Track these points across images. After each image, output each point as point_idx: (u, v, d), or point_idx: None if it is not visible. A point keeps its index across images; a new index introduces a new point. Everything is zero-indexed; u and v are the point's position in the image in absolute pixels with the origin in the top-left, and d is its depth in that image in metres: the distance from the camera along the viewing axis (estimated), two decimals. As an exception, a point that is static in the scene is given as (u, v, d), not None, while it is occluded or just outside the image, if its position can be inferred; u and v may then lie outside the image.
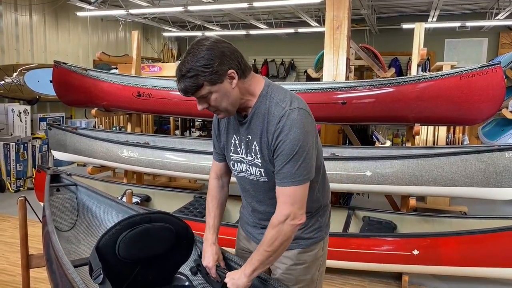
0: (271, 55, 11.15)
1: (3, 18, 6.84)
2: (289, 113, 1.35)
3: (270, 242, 1.38)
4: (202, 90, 1.34)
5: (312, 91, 3.41)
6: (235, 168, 1.55)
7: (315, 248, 1.55)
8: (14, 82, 6.55)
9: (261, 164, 1.44)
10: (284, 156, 1.35)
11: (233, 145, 1.53)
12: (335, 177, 3.25)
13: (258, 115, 1.42)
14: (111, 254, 1.57)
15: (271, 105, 1.40)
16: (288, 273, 1.54)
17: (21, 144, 6.05)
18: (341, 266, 3.24)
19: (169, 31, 10.46)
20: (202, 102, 1.40)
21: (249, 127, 1.45)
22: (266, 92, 1.43)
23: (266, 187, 1.48)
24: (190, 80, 1.32)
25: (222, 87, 1.35)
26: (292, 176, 1.36)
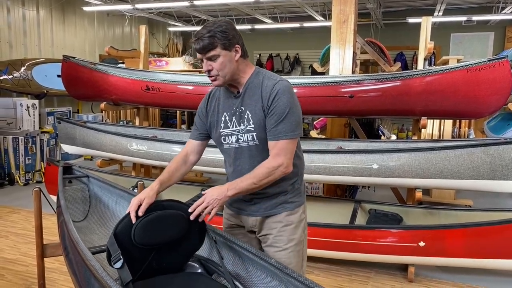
0: (276, 50, 11.15)
1: (11, 13, 6.89)
2: (280, 82, 1.68)
3: (260, 178, 1.65)
4: (214, 51, 1.62)
5: (319, 85, 3.44)
6: (227, 141, 1.78)
7: (298, 211, 1.82)
8: (22, 77, 6.61)
9: (254, 129, 1.71)
10: (278, 115, 1.64)
11: (223, 122, 1.78)
12: (342, 170, 3.29)
13: (252, 88, 1.71)
14: (128, 240, 1.62)
15: (264, 79, 1.70)
16: (280, 234, 1.77)
17: (29, 138, 6.13)
18: (347, 258, 3.29)
19: (175, 25, 10.48)
20: (209, 64, 1.65)
21: (242, 99, 1.73)
22: (257, 71, 1.74)
23: (257, 151, 1.74)
24: (208, 40, 1.60)
25: (229, 55, 1.65)
26: (286, 131, 1.65)
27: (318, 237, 3.28)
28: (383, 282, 3.18)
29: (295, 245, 1.78)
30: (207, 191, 1.71)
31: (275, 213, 1.78)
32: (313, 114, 3.95)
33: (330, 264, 3.44)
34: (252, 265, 1.77)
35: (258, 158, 1.72)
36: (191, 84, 3.90)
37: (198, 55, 1.68)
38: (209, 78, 1.71)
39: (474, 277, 3.23)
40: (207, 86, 3.82)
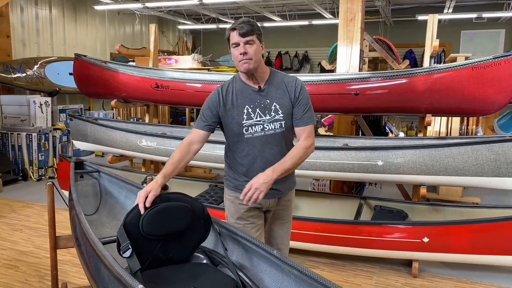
0: (285, 47, 11.18)
1: (24, 12, 7.03)
2: (299, 80, 2.04)
3: (300, 157, 1.92)
4: (252, 37, 1.88)
5: (325, 82, 3.48)
6: (250, 131, 1.98)
7: (294, 191, 2.19)
8: (35, 75, 6.75)
9: (283, 118, 1.98)
10: (304, 105, 1.98)
11: (245, 114, 1.98)
12: (347, 166, 3.34)
13: (274, 84, 2.00)
14: (136, 231, 1.69)
15: (283, 76, 2.04)
16: (285, 209, 2.14)
17: (42, 135, 6.26)
18: (352, 253, 3.34)
19: (184, 24, 10.57)
20: (245, 48, 1.88)
21: (267, 94, 1.98)
22: (273, 70, 2.06)
23: (282, 136, 2.00)
24: (249, 28, 1.88)
25: (259, 45, 1.93)
26: (311, 118, 2.00)
27: (323, 233, 3.34)
28: (387, 277, 3.22)
29: (291, 219, 2.17)
30: (253, 179, 1.84)
31: (287, 193, 2.11)
32: (318, 111, 3.99)
33: (335, 259, 3.49)
34: (256, 257, 1.84)
35: (280, 143, 2.01)
36: (200, 82, 3.98)
37: (236, 38, 1.88)
38: (242, 62, 1.91)
39: (478, 273, 3.26)
40: (215, 84, 3.89)
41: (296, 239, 3.38)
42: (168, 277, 1.72)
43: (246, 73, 1.95)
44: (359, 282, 3.16)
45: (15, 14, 6.87)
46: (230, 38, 1.92)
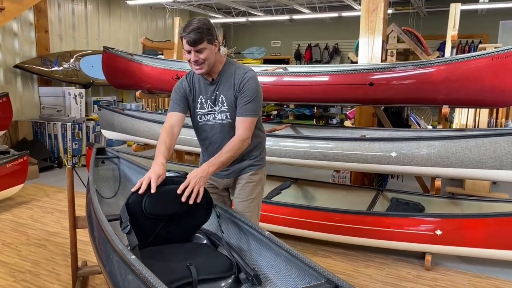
0: (315, 40, 11.10)
1: (61, 8, 7.38)
2: (249, 72, 2.06)
3: (234, 150, 2.00)
4: (202, 45, 1.94)
5: (339, 73, 3.48)
6: (203, 119, 2.14)
7: (260, 172, 2.24)
8: (70, 68, 7.09)
9: (227, 110, 2.07)
10: (247, 97, 2.02)
11: (199, 103, 2.13)
12: (361, 157, 3.33)
13: (225, 76, 2.07)
14: (139, 210, 1.81)
15: (235, 69, 2.07)
16: (243, 188, 2.20)
17: (76, 125, 6.58)
18: (364, 244, 3.34)
19: (214, 17, 10.70)
20: (197, 55, 1.95)
21: (217, 86, 2.08)
22: (228, 62, 2.10)
23: (230, 127, 2.10)
24: (198, 35, 1.91)
25: (211, 48, 1.99)
26: (252, 110, 2.03)
27: (336, 223, 3.37)
28: (399, 269, 3.21)
29: (253, 198, 2.21)
30: (190, 173, 1.91)
31: (243, 173, 2.21)
32: (332, 102, 4.01)
33: (347, 249, 3.51)
34: (252, 239, 1.91)
35: (229, 133, 2.09)
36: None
37: (187, 47, 1.96)
38: (194, 67, 2.02)
39: (494, 269, 3.18)
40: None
41: (308, 228, 3.44)
42: (166, 254, 1.82)
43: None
44: (369, 272, 3.17)
45: (53, 10, 7.23)
46: (183, 43, 1.98)
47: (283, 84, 3.77)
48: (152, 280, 1.31)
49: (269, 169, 2.44)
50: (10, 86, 6.60)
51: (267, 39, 11.70)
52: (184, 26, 1.96)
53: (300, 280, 1.61)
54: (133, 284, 1.43)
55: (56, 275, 3.00)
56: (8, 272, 3.03)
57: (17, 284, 2.86)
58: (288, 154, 3.57)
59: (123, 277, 1.50)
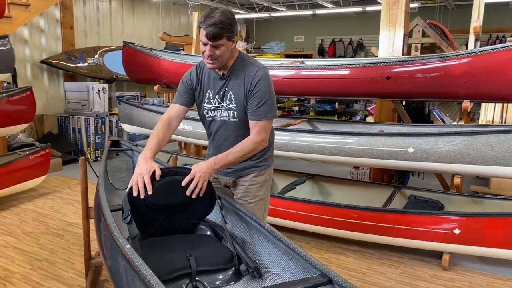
0: (338, 35, 10.94)
1: (86, 4, 7.54)
2: (262, 70, 1.93)
3: (245, 152, 1.92)
4: (220, 41, 1.81)
5: (355, 66, 3.40)
6: (209, 115, 2.05)
7: (264, 173, 2.13)
8: (94, 63, 7.24)
9: (235, 108, 1.97)
10: (259, 98, 1.90)
11: (206, 98, 2.03)
12: (376, 153, 3.25)
13: (236, 72, 1.95)
14: (141, 200, 1.81)
15: (247, 65, 1.95)
16: (247, 191, 2.11)
17: (99, 119, 6.72)
18: (379, 241, 3.27)
19: (237, 13, 10.70)
20: (212, 50, 1.83)
21: (227, 81, 1.97)
22: (241, 56, 1.98)
23: (235, 126, 2.01)
24: (219, 31, 1.78)
25: (229, 45, 1.86)
26: (266, 113, 1.92)
27: (350, 219, 3.30)
28: (415, 268, 3.12)
29: (258, 200, 2.12)
30: (195, 166, 1.86)
31: (245, 174, 2.10)
32: (349, 96, 3.92)
33: (361, 246, 3.44)
34: (255, 232, 1.89)
35: (236, 132, 2.02)
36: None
37: (204, 40, 1.82)
38: (206, 61, 1.89)
39: (517, 270, 3.05)
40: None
41: (321, 224, 3.38)
42: (167, 245, 1.82)
43: None
44: (384, 270, 3.09)
45: (78, 7, 7.39)
46: (200, 33, 1.85)
47: (299, 77, 3.72)
48: (143, 269, 1.31)
49: (285, 164, 2.40)
50: (37, 81, 6.80)
51: (290, 35, 11.61)
52: (205, 15, 1.82)
53: (299, 273, 1.58)
54: (126, 273, 1.43)
55: (71, 264, 3.06)
56: (26, 260, 3.12)
57: (34, 271, 2.94)
58: (303, 148, 3.52)
59: (118, 265, 1.51)
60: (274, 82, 3.77)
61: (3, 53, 4.23)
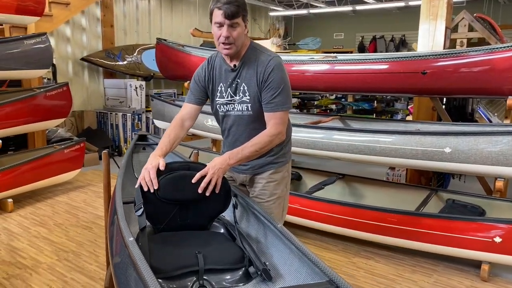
0: (380, 31, 10.59)
1: (126, 3, 7.71)
2: (275, 59, 1.84)
3: (262, 145, 1.83)
4: (238, 19, 1.75)
5: (388, 60, 3.21)
6: (221, 109, 1.96)
7: (282, 170, 2.03)
8: (133, 61, 7.39)
9: (249, 100, 1.87)
10: (274, 89, 1.81)
11: (219, 92, 1.94)
12: (409, 152, 3.05)
13: (248, 63, 1.86)
14: (152, 193, 1.77)
15: (259, 54, 1.86)
16: (264, 189, 2.01)
17: (136, 115, 6.86)
18: (411, 247, 3.07)
19: (276, 10, 10.61)
20: (229, 31, 1.76)
21: (239, 73, 1.88)
22: (252, 46, 1.88)
23: (250, 120, 1.92)
24: (236, 8, 1.72)
25: (243, 26, 1.80)
26: (282, 104, 1.83)
27: (380, 222, 3.13)
28: (450, 277, 2.90)
29: (276, 198, 2.02)
30: (209, 164, 1.79)
31: (262, 171, 2.00)
32: (382, 92, 3.73)
33: (392, 251, 3.25)
34: (270, 232, 1.80)
35: (250, 125, 1.93)
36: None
37: (221, 19, 1.73)
38: (222, 46, 1.80)
39: None
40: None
41: (350, 226, 3.23)
42: (178, 240, 1.76)
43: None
44: (416, 278, 2.90)
45: (119, 6, 7.58)
46: (213, 15, 1.76)
47: (330, 72, 3.58)
48: (140, 263, 1.26)
49: (318, 163, 2.28)
50: (78, 77, 7.04)
51: (330, 32, 11.37)
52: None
53: (309, 277, 1.48)
54: (125, 265, 1.39)
55: (95, 257, 3.10)
56: (54, 250, 3.19)
57: (59, 262, 3.00)
58: (332, 147, 3.37)
59: (119, 256, 1.47)
60: (304, 78, 3.65)
61: (42, 50, 4.37)
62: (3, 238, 3.39)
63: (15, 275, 2.80)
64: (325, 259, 3.14)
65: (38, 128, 4.66)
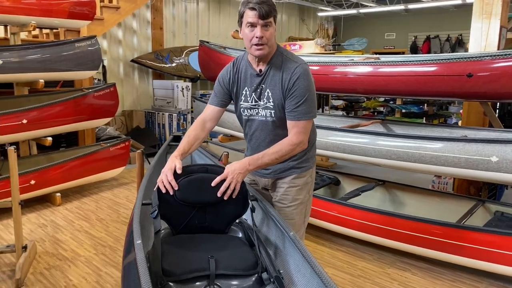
0: (434, 31, 10.09)
1: (175, 6, 7.93)
2: (301, 66, 1.81)
3: (283, 153, 1.81)
4: (270, 19, 1.75)
5: (431, 62, 3.04)
6: (245, 113, 1.96)
7: (305, 175, 2.00)
8: (180, 62, 7.59)
9: (272, 107, 1.86)
10: (298, 97, 1.79)
11: (243, 95, 1.93)
12: (451, 160, 2.87)
13: (274, 69, 1.85)
14: (170, 196, 1.79)
15: (285, 61, 1.84)
16: (286, 193, 2.00)
17: (181, 115, 7.03)
18: (452, 261, 2.89)
19: (324, 10, 10.44)
20: (263, 31, 1.75)
21: (264, 79, 1.87)
22: (278, 51, 1.87)
23: (273, 125, 1.91)
24: (269, 7, 1.72)
25: (274, 27, 1.79)
26: (305, 113, 1.81)
27: (419, 233, 2.97)
28: (493, 296, 2.70)
29: (298, 204, 2.00)
30: (228, 165, 1.78)
31: (284, 176, 1.99)
32: (423, 96, 3.53)
33: (431, 264, 3.07)
34: (287, 239, 1.76)
35: (273, 131, 1.92)
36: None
37: (254, 19, 1.72)
38: (254, 47, 1.78)
39: None
40: (311, 65, 3.76)
41: (386, 236, 3.10)
42: (193, 243, 1.76)
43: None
44: (455, 295, 2.72)
45: (168, 8, 7.81)
46: (245, 16, 1.75)
47: (369, 75, 3.45)
48: (140, 267, 1.27)
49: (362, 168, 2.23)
50: (129, 78, 7.33)
51: (381, 32, 11.02)
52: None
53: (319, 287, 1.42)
54: (129, 267, 1.42)
55: (130, 253, 3.20)
56: (93, 244, 3.34)
57: (96, 256, 3.13)
58: (368, 152, 3.25)
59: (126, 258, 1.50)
60: (343, 80, 3.55)
61: (92, 52, 4.60)
62: (49, 230, 3.60)
63: (55, 266, 2.96)
64: (358, 268, 3.03)
65: (87, 127, 4.90)
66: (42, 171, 4.02)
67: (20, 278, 2.68)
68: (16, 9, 4.08)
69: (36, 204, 4.17)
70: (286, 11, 10.33)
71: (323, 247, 3.37)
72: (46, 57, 4.22)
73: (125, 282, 1.46)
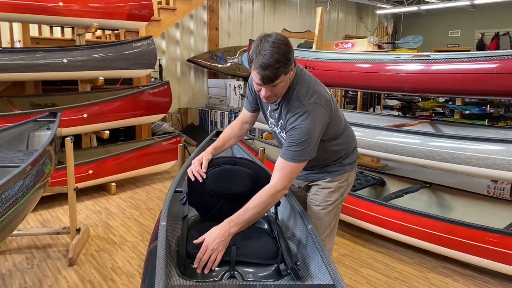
0: (504, 27, 9.41)
1: (231, 7, 8.13)
2: (305, 106, 1.68)
3: (264, 206, 1.67)
4: (279, 79, 1.59)
5: (485, 59, 2.88)
6: (271, 126, 1.96)
7: (339, 179, 1.98)
8: (234, 62, 7.78)
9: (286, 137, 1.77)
10: (294, 139, 1.68)
11: (269, 111, 1.90)
12: (501, 163, 2.70)
13: (286, 100, 1.74)
14: (199, 185, 1.89)
15: (294, 99, 1.71)
16: (317, 194, 2.01)
17: (233, 113, 7.20)
18: (498, 269, 2.73)
19: (383, 8, 10.14)
20: (270, 90, 1.64)
21: (279, 109, 1.79)
22: (294, 84, 1.72)
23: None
24: (275, 72, 1.55)
25: (287, 78, 1.64)
26: (298, 156, 1.69)
27: (463, 239, 2.84)
28: (543, 310, 2.52)
29: (328, 205, 1.99)
30: (206, 235, 1.59)
31: (317, 179, 2.01)
32: (477, 95, 3.35)
33: (477, 272, 2.92)
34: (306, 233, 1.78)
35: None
36: (344, 61, 3.85)
37: (259, 82, 1.61)
38: (262, 97, 1.71)
39: None
40: (356, 62, 3.71)
41: (428, 240, 3.00)
42: None
43: None
44: (499, 305, 2.57)
45: (224, 9, 8.03)
46: (252, 73, 1.63)
47: (416, 72, 3.34)
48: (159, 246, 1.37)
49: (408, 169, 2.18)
50: (185, 77, 7.64)
51: (444, 29, 10.49)
52: (256, 50, 1.56)
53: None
54: (153, 247, 1.53)
55: (173, 241, 3.37)
56: (140, 232, 3.56)
57: (142, 242, 3.34)
58: (411, 152, 3.15)
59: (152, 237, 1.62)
60: (386, 78, 3.47)
61: (148, 51, 4.87)
62: (103, 216, 3.89)
63: (104, 249, 3.20)
64: (396, 271, 2.96)
65: (142, 122, 5.20)
66: (99, 162, 4.34)
67: (72, 257, 2.93)
68: (82, 12, 4.44)
69: (93, 192, 4.51)
70: (342, 9, 10.18)
71: (362, 248, 3.33)
72: (107, 56, 4.55)
73: (147, 258, 1.58)
